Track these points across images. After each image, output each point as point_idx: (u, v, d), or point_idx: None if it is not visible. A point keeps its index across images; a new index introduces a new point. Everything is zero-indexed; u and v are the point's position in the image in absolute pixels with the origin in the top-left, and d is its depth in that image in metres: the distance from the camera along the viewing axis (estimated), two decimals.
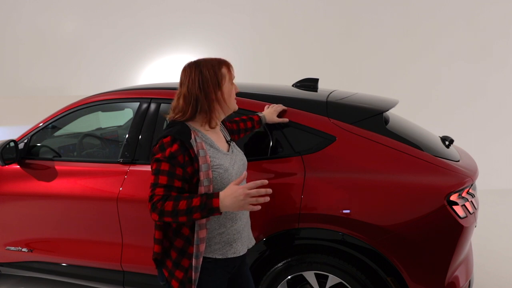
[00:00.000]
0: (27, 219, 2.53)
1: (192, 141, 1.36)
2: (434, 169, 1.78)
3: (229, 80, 1.47)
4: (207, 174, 1.36)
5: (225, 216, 1.45)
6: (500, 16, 5.25)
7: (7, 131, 5.21)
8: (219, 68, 1.44)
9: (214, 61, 1.46)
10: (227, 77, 1.46)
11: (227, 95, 1.46)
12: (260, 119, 1.95)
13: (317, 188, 1.87)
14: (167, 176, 1.31)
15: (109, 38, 6.24)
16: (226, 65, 1.48)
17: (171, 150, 1.33)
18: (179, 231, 1.41)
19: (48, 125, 2.62)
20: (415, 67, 5.53)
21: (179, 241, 1.41)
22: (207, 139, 1.45)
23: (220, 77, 1.43)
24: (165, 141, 1.35)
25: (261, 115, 1.98)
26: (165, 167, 1.32)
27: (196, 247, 1.38)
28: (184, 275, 1.40)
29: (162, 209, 1.27)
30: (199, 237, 1.38)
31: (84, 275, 2.47)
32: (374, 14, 5.59)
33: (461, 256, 1.82)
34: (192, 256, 1.39)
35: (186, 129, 1.40)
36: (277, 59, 5.87)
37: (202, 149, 1.38)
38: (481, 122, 5.38)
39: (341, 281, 1.89)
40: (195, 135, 1.39)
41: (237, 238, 1.50)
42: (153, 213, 1.30)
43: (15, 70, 6.41)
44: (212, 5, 5.97)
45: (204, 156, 1.37)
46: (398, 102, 2.25)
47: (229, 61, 1.50)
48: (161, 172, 1.32)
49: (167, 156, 1.32)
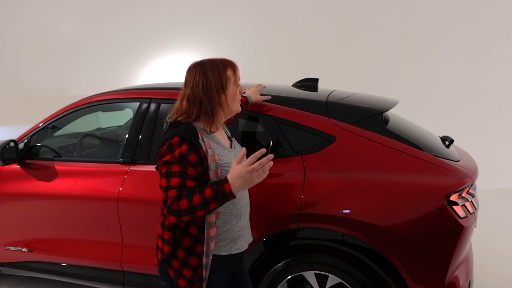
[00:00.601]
0: (27, 219, 2.53)
1: (201, 141, 1.36)
2: (434, 169, 1.78)
3: (234, 83, 1.44)
4: (216, 173, 1.36)
5: (230, 213, 1.46)
6: (500, 16, 5.25)
7: (7, 131, 5.21)
8: (224, 70, 1.41)
9: (219, 62, 1.43)
10: (232, 79, 1.43)
11: (230, 98, 1.43)
12: (247, 99, 1.97)
13: (317, 188, 1.87)
14: (179, 177, 1.30)
15: (109, 38, 6.24)
16: (232, 67, 1.44)
17: (180, 151, 1.31)
18: (186, 231, 1.41)
19: (48, 125, 2.62)
20: (415, 67, 5.53)
21: (186, 240, 1.41)
22: (213, 137, 1.45)
23: (225, 80, 1.41)
24: (173, 142, 1.33)
25: (247, 95, 1.99)
26: (176, 169, 1.30)
27: (206, 245, 1.39)
28: (193, 273, 1.40)
29: (178, 209, 1.26)
30: (210, 235, 1.38)
31: (84, 275, 2.46)
32: (374, 14, 5.59)
33: (461, 256, 1.82)
34: (200, 255, 1.39)
35: (192, 129, 1.38)
36: (277, 59, 5.87)
37: (210, 148, 1.37)
38: (481, 122, 5.38)
39: (341, 281, 1.89)
40: (201, 134, 1.39)
41: (241, 235, 1.51)
42: (171, 216, 1.29)
43: (15, 70, 6.41)
44: (212, 5, 5.97)
45: (212, 155, 1.36)
46: (398, 102, 2.25)
47: (234, 61, 1.47)
48: (173, 174, 1.30)
49: (177, 157, 1.31)
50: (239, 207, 1.48)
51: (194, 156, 1.32)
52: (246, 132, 2.26)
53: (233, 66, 1.45)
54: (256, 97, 2.04)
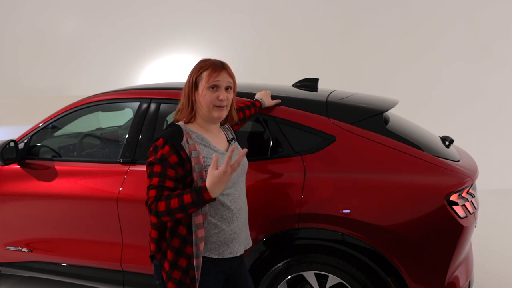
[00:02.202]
0: (27, 219, 2.53)
1: (184, 143, 1.38)
2: (434, 169, 1.78)
3: (205, 84, 1.41)
4: (200, 175, 1.38)
5: (220, 216, 1.45)
6: (500, 16, 5.25)
7: (7, 131, 5.21)
8: (201, 70, 1.44)
9: (205, 63, 1.46)
10: (204, 79, 1.42)
11: (201, 98, 1.42)
12: (261, 104, 2.00)
13: (317, 188, 1.87)
14: (159, 177, 1.33)
15: (109, 38, 6.25)
16: (211, 70, 1.42)
17: (162, 152, 1.35)
18: (175, 231, 1.41)
19: (48, 125, 2.62)
20: (415, 67, 5.53)
21: (175, 240, 1.41)
22: (203, 139, 1.45)
23: (198, 79, 1.44)
24: (157, 144, 1.38)
25: (261, 100, 2.01)
26: (157, 169, 1.34)
27: (195, 247, 1.39)
28: (182, 275, 1.40)
29: (157, 210, 1.30)
30: (198, 236, 1.39)
31: (84, 275, 2.46)
32: (374, 14, 5.59)
33: (461, 256, 1.82)
34: (189, 256, 1.40)
35: (178, 131, 1.41)
36: (277, 59, 5.87)
37: (195, 150, 1.39)
38: (481, 122, 5.38)
39: (341, 281, 1.88)
40: (187, 137, 1.40)
41: (233, 239, 1.50)
42: (151, 215, 1.34)
43: (15, 70, 6.41)
44: (212, 5, 5.97)
45: (197, 157, 1.38)
46: (398, 102, 2.25)
47: (225, 65, 1.45)
48: (154, 174, 1.34)
49: (159, 158, 1.35)
50: (230, 210, 1.47)
51: (175, 157, 1.35)
52: (246, 132, 2.26)
53: (214, 69, 1.43)
54: (268, 102, 2.05)
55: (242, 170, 1.56)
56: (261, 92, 2.09)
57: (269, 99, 2.06)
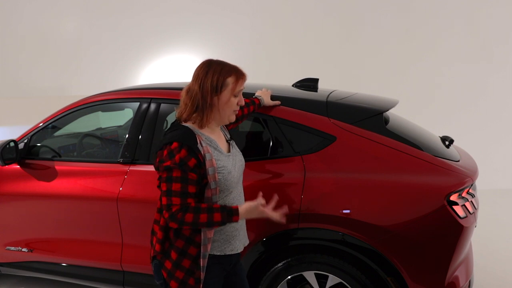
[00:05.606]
0: (27, 219, 2.53)
1: (199, 146, 1.37)
2: (434, 169, 1.78)
3: (230, 91, 1.41)
4: (214, 177, 1.38)
5: None
6: (500, 17, 5.25)
7: (7, 131, 5.21)
8: (225, 75, 1.40)
9: (227, 67, 1.42)
10: (230, 87, 1.41)
11: (222, 103, 1.42)
12: (260, 102, 1.99)
13: (317, 188, 1.87)
14: (181, 183, 1.32)
15: (109, 38, 6.25)
16: (236, 76, 1.42)
17: (180, 156, 1.32)
18: (180, 232, 1.42)
19: (48, 125, 2.62)
20: (415, 68, 5.53)
21: (179, 241, 1.41)
22: (212, 141, 1.45)
23: (221, 84, 1.39)
24: (172, 147, 1.34)
25: (260, 98, 2.00)
26: (177, 174, 1.32)
27: (203, 247, 1.40)
28: (185, 275, 1.41)
29: (182, 220, 1.31)
30: (207, 237, 1.40)
31: (84, 275, 2.46)
32: (374, 14, 5.59)
33: (461, 256, 1.82)
34: (193, 257, 1.41)
35: (191, 133, 1.39)
36: (277, 59, 5.87)
37: (208, 152, 1.38)
38: (481, 122, 5.37)
39: (341, 281, 1.89)
40: (200, 139, 1.39)
41: (235, 236, 1.52)
42: (172, 222, 1.33)
43: (16, 71, 6.42)
44: (212, 6, 5.97)
45: (210, 159, 1.38)
46: (398, 102, 2.25)
47: (245, 74, 1.45)
48: (174, 179, 1.32)
49: (178, 162, 1.32)
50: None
51: (194, 160, 1.34)
52: (246, 132, 2.27)
53: (239, 76, 1.42)
54: (267, 101, 2.04)
55: (242, 170, 1.57)
56: (261, 91, 2.09)
57: (268, 98, 2.05)
